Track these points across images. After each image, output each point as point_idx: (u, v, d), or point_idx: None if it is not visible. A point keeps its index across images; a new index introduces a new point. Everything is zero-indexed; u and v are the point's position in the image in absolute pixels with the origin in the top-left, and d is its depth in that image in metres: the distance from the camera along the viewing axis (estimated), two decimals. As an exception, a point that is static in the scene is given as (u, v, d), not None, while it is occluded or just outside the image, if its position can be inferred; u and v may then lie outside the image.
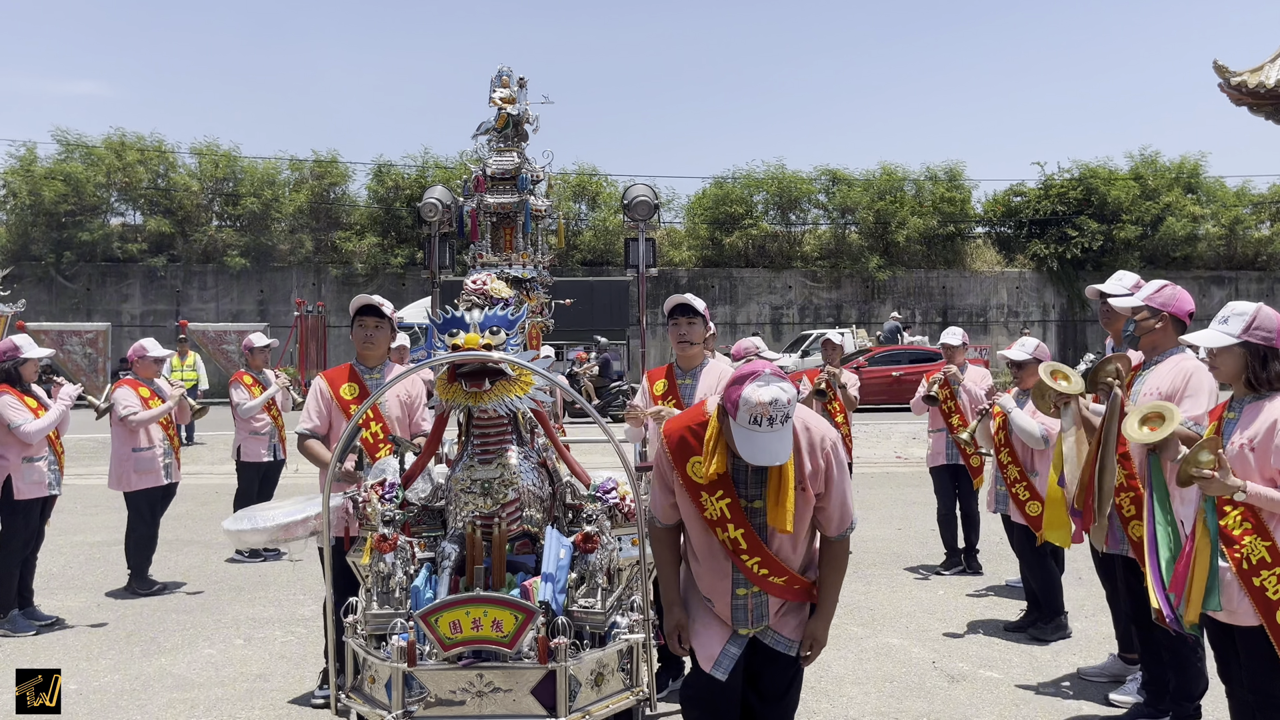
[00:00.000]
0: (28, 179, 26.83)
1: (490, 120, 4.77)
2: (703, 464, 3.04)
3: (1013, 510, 6.14)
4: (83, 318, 25.74)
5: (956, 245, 30.43)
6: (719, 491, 3.07)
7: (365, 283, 27.15)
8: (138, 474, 7.23)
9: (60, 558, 8.32)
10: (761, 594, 3.15)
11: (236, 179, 28.75)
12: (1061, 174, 30.98)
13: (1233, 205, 30.54)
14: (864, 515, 9.98)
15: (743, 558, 3.09)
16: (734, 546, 3.10)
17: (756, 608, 3.17)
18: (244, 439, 8.56)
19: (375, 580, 3.53)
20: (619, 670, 3.26)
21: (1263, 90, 11.37)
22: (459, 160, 28.17)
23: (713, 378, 4.93)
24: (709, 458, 3.02)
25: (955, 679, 5.32)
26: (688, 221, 30.86)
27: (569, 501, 3.83)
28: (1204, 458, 3.32)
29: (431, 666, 3.09)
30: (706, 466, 3.02)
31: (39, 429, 6.18)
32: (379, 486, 3.82)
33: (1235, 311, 3.55)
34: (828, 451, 3.13)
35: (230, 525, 4.17)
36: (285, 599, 7.08)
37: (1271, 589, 3.31)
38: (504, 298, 3.87)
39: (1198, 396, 4.06)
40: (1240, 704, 3.63)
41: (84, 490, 11.65)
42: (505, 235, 4.83)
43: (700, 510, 3.10)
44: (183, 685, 5.28)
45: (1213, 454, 3.33)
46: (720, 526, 3.08)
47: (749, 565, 3.10)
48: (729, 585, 3.16)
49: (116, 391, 7.34)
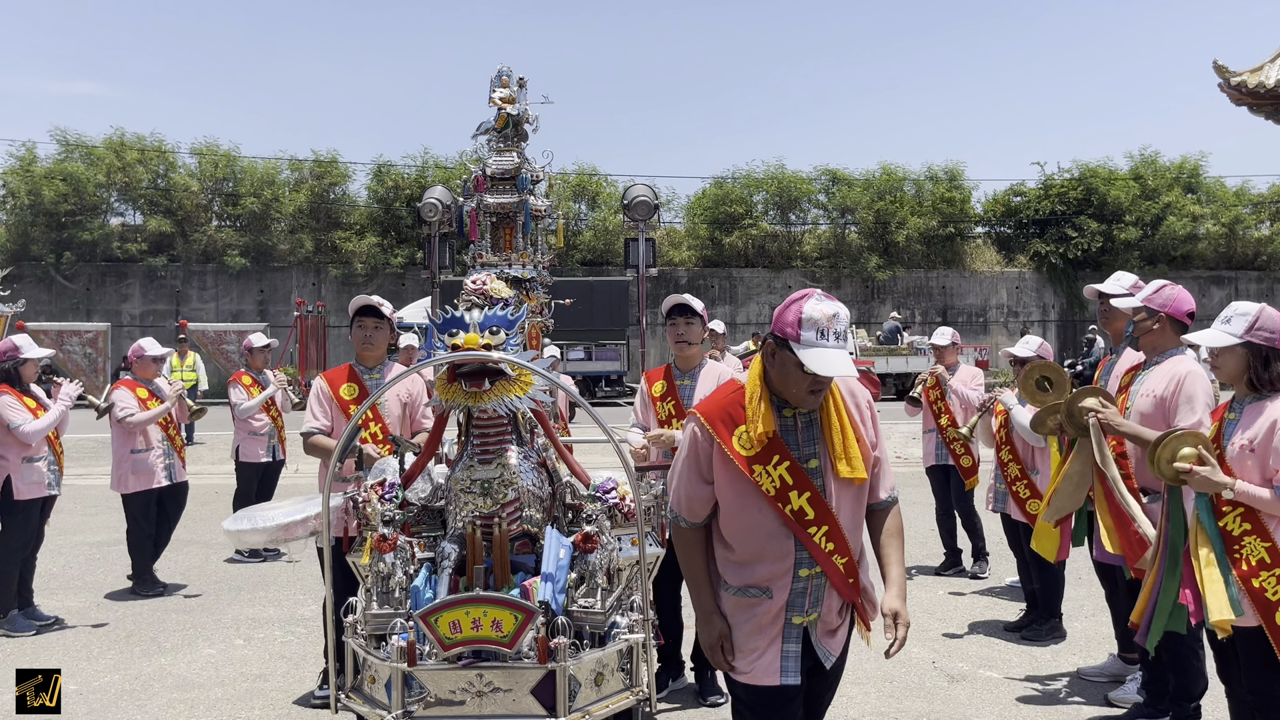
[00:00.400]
0: (27, 179, 26.84)
1: (490, 120, 4.77)
2: (751, 428, 2.79)
3: (1013, 508, 6.13)
4: (83, 318, 25.75)
5: (956, 245, 30.45)
6: (774, 457, 2.79)
7: (365, 283, 27.15)
8: (134, 475, 7.20)
9: (60, 558, 8.32)
10: (822, 575, 2.84)
11: (236, 179, 28.77)
12: (1061, 174, 31.02)
13: (1232, 205, 30.56)
14: (864, 515, 9.97)
15: (810, 530, 2.80)
16: (799, 517, 2.79)
17: (815, 590, 2.86)
18: (242, 439, 8.56)
19: (375, 580, 3.53)
20: (619, 670, 3.26)
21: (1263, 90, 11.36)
22: (459, 160, 28.19)
23: (711, 378, 4.92)
24: (756, 418, 2.78)
25: (955, 679, 5.32)
26: (687, 221, 30.88)
27: (569, 501, 3.83)
28: (1185, 450, 3.32)
29: (431, 666, 3.09)
30: (754, 428, 2.77)
31: (38, 429, 6.18)
32: (379, 486, 3.82)
33: (1238, 311, 3.55)
34: (868, 399, 3.03)
35: (230, 525, 4.17)
36: (285, 599, 7.08)
37: (1271, 590, 3.31)
38: (504, 298, 3.87)
39: (1191, 404, 4.06)
40: (1240, 704, 3.63)
41: (84, 490, 11.65)
42: (505, 235, 4.83)
43: (755, 485, 2.79)
44: (183, 685, 5.28)
45: (1194, 447, 3.33)
46: (782, 498, 2.78)
47: (816, 539, 2.80)
48: (790, 566, 2.82)
49: (114, 393, 7.31)
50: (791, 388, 2.77)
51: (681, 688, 5.09)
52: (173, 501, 7.52)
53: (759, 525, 2.83)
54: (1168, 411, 4.12)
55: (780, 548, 2.83)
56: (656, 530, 4.23)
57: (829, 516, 2.81)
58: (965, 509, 7.63)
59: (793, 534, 2.81)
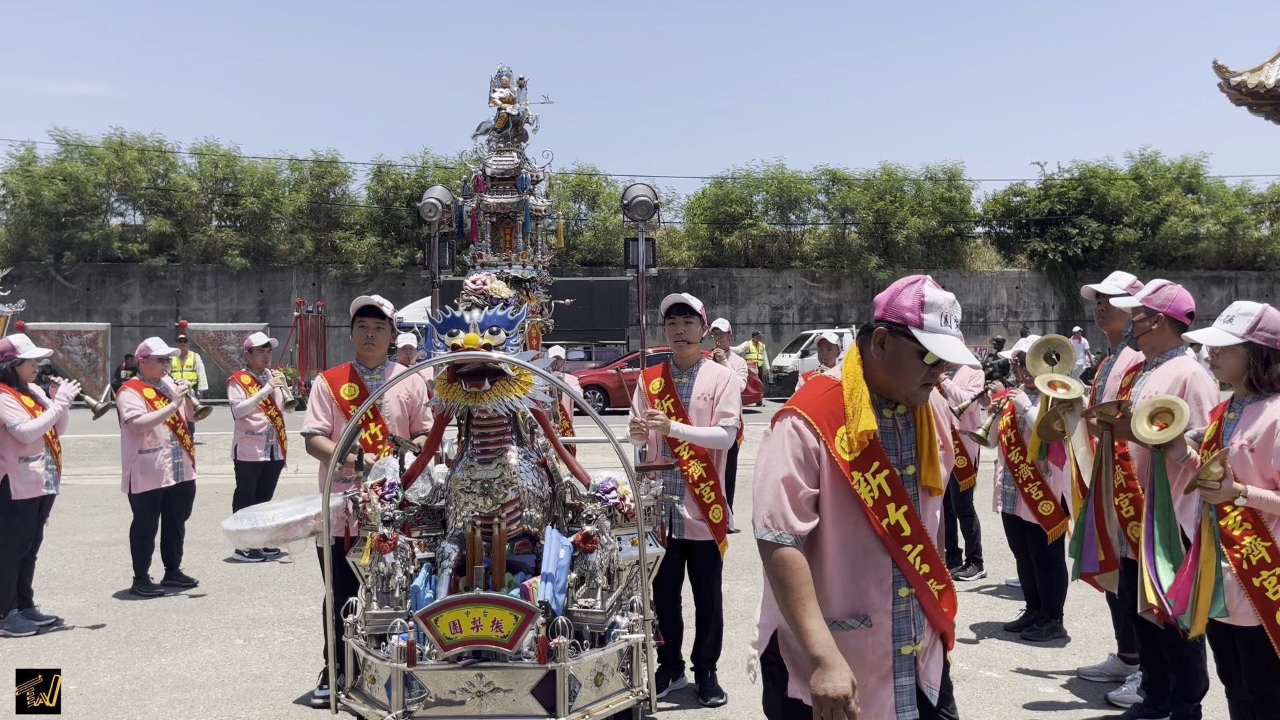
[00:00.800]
0: (27, 179, 26.83)
1: (490, 120, 4.77)
2: (851, 427, 2.49)
3: (1023, 510, 6.06)
4: (82, 318, 25.75)
5: (956, 245, 30.44)
6: (874, 463, 2.51)
7: (365, 283, 27.15)
8: (143, 475, 7.24)
9: (60, 558, 8.32)
10: (915, 598, 2.56)
11: (236, 179, 28.75)
12: (1061, 174, 31.00)
13: (1232, 205, 30.55)
14: (864, 515, 9.96)
15: (905, 548, 2.53)
16: (895, 534, 2.51)
17: (915, 613, 2.57)
18: (240, 438, 8.57)
19: (375, 580, 3.53)
20: (619, 670, 3.26)
21: (1263, 90, 11.36)
22: (459, 160, 28.18)
23: (710, 376, 4.93)
24: (857, 416, 2.49)
25: (955, 679, 5.30)
26: (687, 221, 30.87)
27: (569, 501, 3.83)
28: (1215, 469, 3.31)
29: (431, 666, 3.09)
30: (854, 427, 2.49)
31: (35, 428, 6.18)
32: (379, 486, 3.82)
33: (1240, 311, 3.55)
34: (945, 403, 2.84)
35: (230, 525, 4.17)
36: (285, 599, 7.08)
37: (1271, 589, 3.31)
38: (504, 298, 3.87)
39: (1199, 406, 4.05)
40: (1240, 704, 3.63)
41: (84, 490, 11.66)
42: (505, 235, 4.83)
43: (854, 495, 2.50)
44: (183, 685, 5.28)
45: (1223, 466, 3.32)
46: (880, 510, 2.50)
47: (911, 558, 2.53)
48: (890, 587, 2.53)
49: (121, 394, 7.34)
50: (904, 380, 2.52)
51: (681, 688, 5.09)
52: (179, 500, 7.53)
53: (855, 540, 2.52)
54: None
55: (879, 565, 2.53)
56: (656, 530, 4.24)
57: (923, 535, 2.56)
58: (965, 511, 7.63)
59: (889, 551, 2.52)
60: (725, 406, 4.85)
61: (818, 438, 2.52)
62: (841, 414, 2.53)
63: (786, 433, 2.55)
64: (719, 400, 4.85)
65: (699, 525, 4.84)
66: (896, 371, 2.53)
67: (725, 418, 4.83)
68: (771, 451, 2.56)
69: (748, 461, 13.46)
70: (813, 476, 2.51)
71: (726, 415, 4.83)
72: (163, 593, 7.24)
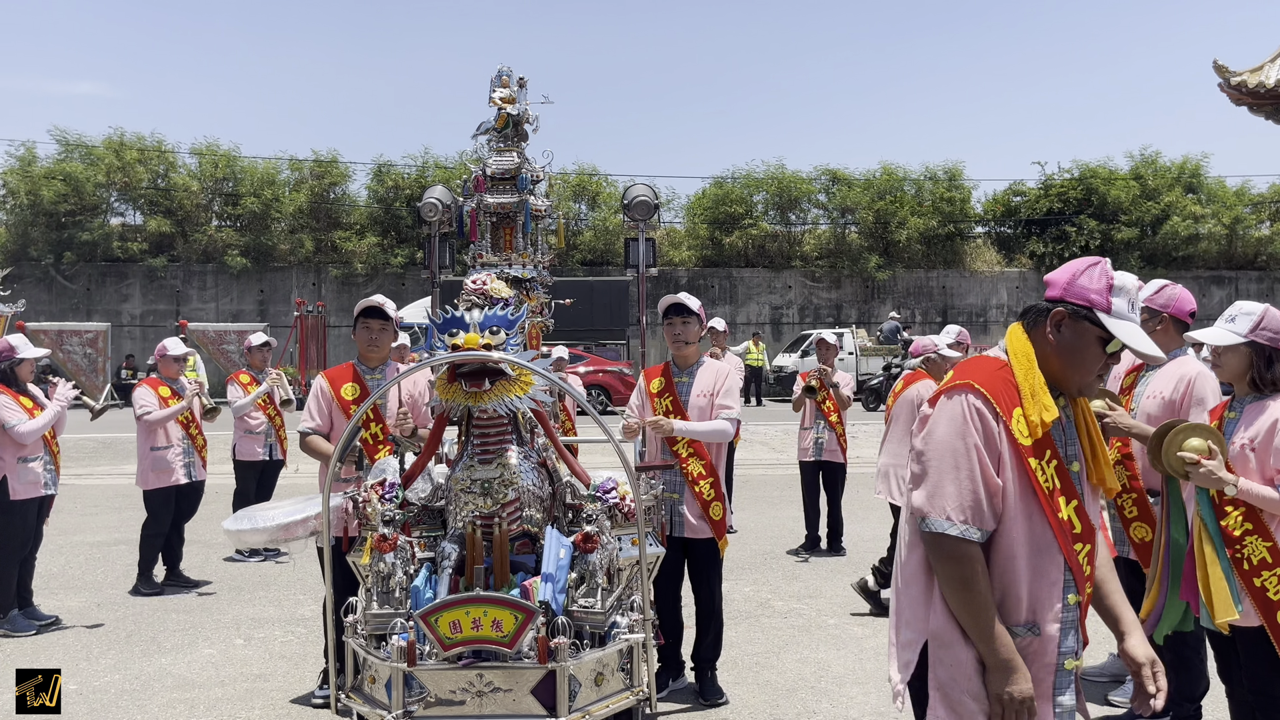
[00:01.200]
0: (27, 179, 26.84)
1: (490, 120, 4.77)
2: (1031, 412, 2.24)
3: None
4: (82, 318, 25.76)
5: (956, 245, 30.44)
6: (1045, 452, 2.26)
7: (365, 283, 27.16)
8: (154, 473, 7.30)
9: (60, 558, 8.32)
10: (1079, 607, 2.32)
11: (236, 179, 28.77)
12: (1061, 174, 31.01)
13: (1233, 205, 30.55)
14: (863, 515, 9.98)
15: (1075, 547, 2.28)
16: (1066, 530, 2.27)
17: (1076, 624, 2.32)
18: (239, 437, 8.59)
19: (375, 580, 3.53)
20: (619, 670, 3.26)
21: (1263, 90, 11.35)
22: (459, 160, 28.19)
23: (709, 376, 4.93)
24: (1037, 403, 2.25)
25: (955, 679, 5.31)
26: (688, 221, 30.88)
27: (569, 501, 3.83)
28: (1194, 442, 3.31)
29: (431, 666, 3.09)
30: (1034, 413, 2.23)
31: (34, 429, 6.18)
32: (379, 486, 3.82)
33: (1243, 311, 3.56)
34: None
35: (230, 525, 4.17)
36: (285, 599, 7.08)
37: (1272, 590, 3.31)
38: (504, 298, 3.87)
39: (1204, 406, 4.04)
40: (1240, 704, 3.63)
41: (84, 490, 11.66)
42: (505, 235, 4.83)
43: (1033, 483, 2.23)
44: (183, 685, 5.28)
45: (1204, 440, 3.33)
46: (1053, 502, 2.25)
47: (1080, 559, 2.29)
48: (1060, 592, 2.28)
49: (135, 391, 7.46)
50: (1081, 369, 2.31)
51: (681, 688, 5.09)
52: (187, 500, 7.56)
53: (1032, 536, 2.26)
54: (1178, 413, 4.11)
55: (1053, 565, 2.27)
56: (656, 530, 4.24)
57: (1092, 534, 2.32)
58: None
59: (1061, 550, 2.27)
60: (725, 399, 4.86)
61: (997, 419, 2.25)
62: (1015, 395, 2.28)
63: (966, 411, 2.24)
64: (718, 394, 4.86)
65: (699, 523, 4.84)
66: (1074, 358, 2.32)
67: (725, 409, 4.84)
68: (949, 431, 2.25)
69: (745, 461, 13.48)
70: (996, 464, 2.24)
71: (726, 407, 4.84)
72: (162, 592, 7.24)
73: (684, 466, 4.83)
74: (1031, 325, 2.40)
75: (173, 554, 7.53)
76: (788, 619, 6.43)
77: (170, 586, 7.36)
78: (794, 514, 9.21)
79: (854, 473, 10.13)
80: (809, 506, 8.57)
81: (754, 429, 15.67)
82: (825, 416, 8.37)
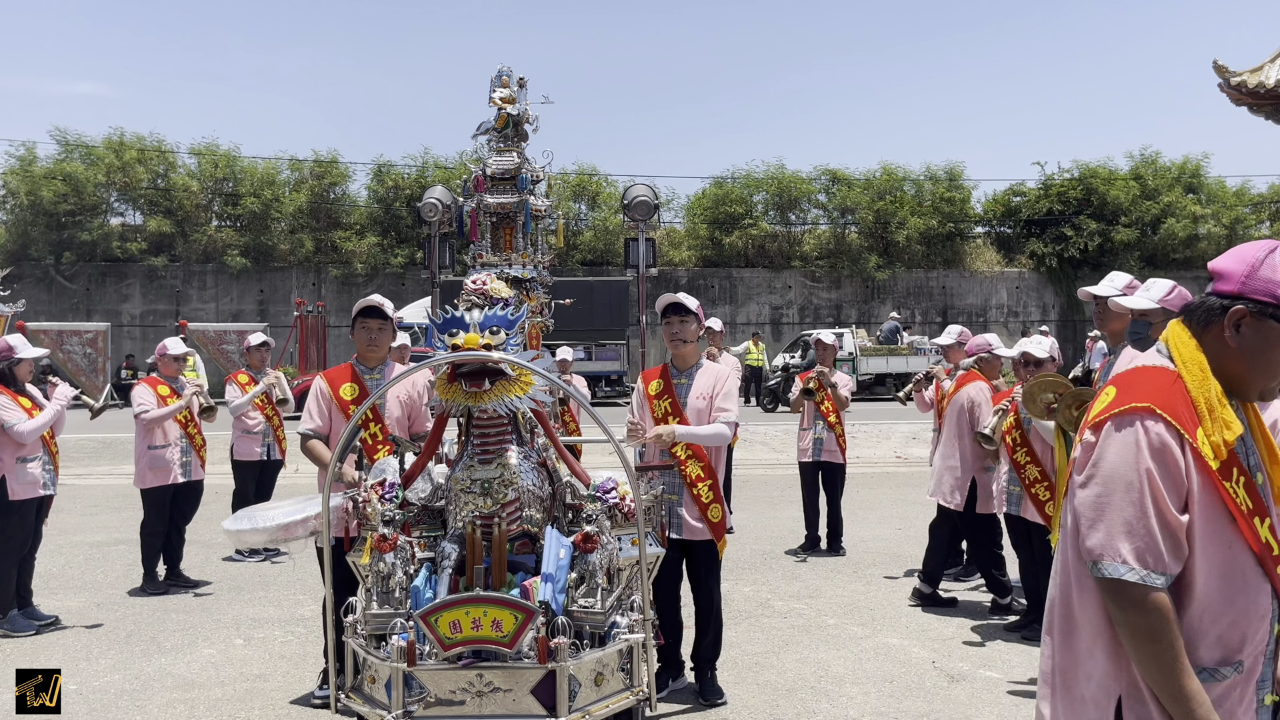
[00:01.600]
0: (27, 179, 26.85)
1: (490, 120, 4.77)
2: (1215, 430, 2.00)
3: (1029, 510, 6.01)
4: (82, 318, 25.77)
5: (956, 245, 30.47)
6: (1233, 471, 2.01)
7: (365, 283, 27.17)
8: (152, 471, 7.30)
9: (60, 558, 8.32)
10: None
11: (236, 179, 28.79)
12: (1061, 174, 31.04)
13: (1233, 205, 30.58)
14: (863, 515, 9.98)
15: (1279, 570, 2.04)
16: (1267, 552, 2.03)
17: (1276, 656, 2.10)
18: (237, 437, 8.60)
19: (375, 580, 3.53)
20: (619, 670, 3.26)
21: (1263, 90, 11.36)
22: (459, 160, 28.21)
23: (708, 376, 4.93)
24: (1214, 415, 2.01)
25: (955, 679, 5.32)
26: (687, 221, 30.90)
27: (569, 501, 3.83)
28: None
29: (431, 666, 3.09)
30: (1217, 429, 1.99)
31: (33, 429, 6.18)
32: (379, 486, 3.82)
33: None
34: None
35: (230, 525, 4.17)
36: (285, 599, 7.08)
37: None
38: (504, 298, 3.87)
39: None
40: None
41: (83, 490, 11.66)
42: (505, 235, 4.83)
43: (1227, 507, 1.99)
44: (183, 685, 5.28)
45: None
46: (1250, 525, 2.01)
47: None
48: (1269, 624, 2.04)
49: (135, 390, 7.46)
50: (1268, 372, 2.05)
51: (681, 688, 5.09)
52: (185, 499, 7.56)
53: (1233, 566, 2.00)
54: None
55: (1260, 596, 2.02)
56: (656, 530, 4.24)
57: None
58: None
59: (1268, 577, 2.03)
60: (723, 402, 4.85)
61: (1183, 444, 1.97)
62: (1193, 412, 2.01)
63: (1148, 441, 1.97)
64: (717, 396, 4.86)
65: (698, 525, 4.84)
66: (1259, 361, 2.03)
67: (723, 413, 4.83)
68: (1124, 463, 1.98)
69: (745, 461, 13.48)
70: (1182, 498, 1.97)
71: (724, 410, 4.84)
72: (167, 591, 7.24)
73: (683, 468, 4.82)
74: (1203, 326, 2.09)
75: (173, 554, 7.53)
76: (787, 619, 6.44)
77: (171, 586, 7.37)
78: (794, 514, 9.21)
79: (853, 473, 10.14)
80: (808, 507, 8.58)
81: (754, 429, 15.68)
82: (824, 417, 8.38)
